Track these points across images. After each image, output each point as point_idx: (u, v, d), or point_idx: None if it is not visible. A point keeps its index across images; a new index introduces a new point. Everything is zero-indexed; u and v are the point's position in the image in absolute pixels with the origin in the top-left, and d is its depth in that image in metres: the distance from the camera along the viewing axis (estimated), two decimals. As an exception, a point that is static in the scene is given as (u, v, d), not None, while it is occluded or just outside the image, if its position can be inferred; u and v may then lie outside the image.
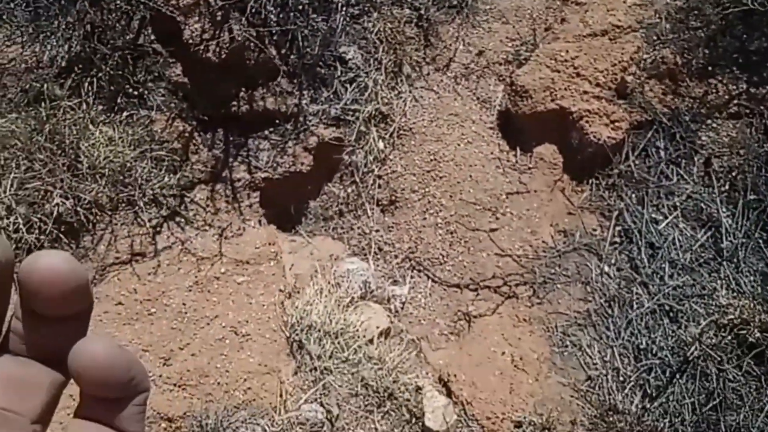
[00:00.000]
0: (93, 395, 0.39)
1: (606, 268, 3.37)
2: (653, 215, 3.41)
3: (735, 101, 3.34)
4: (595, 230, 3.47)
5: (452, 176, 3.60)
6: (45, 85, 2.78)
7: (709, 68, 3.37)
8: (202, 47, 3.30)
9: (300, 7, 3.53)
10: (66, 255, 0.37)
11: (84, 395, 0.39)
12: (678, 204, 3.40)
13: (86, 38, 3.05)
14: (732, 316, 2.97)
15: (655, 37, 3.50)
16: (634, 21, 3.57)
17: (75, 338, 0.38)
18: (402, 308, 3.37)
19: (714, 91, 3.36)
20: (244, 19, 3.36)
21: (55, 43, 2.98)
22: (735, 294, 3.13)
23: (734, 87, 3.33)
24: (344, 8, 3.68)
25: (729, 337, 2.95)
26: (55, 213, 2.68)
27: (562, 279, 3.37)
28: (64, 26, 3.00)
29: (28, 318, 0.38)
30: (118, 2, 3.13)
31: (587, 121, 3.45)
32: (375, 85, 3.66)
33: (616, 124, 3.45)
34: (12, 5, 2.87)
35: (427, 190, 3.59)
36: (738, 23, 3.33)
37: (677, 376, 3.00)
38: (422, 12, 3.83)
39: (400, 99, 3.72)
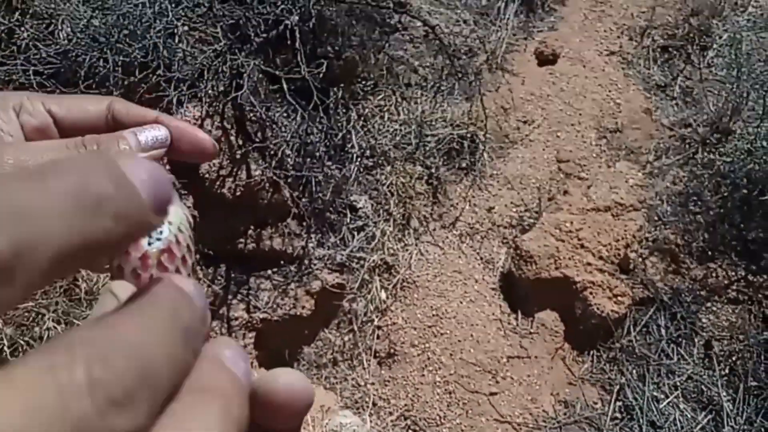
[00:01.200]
0: None
1: (608, 446, 3.26)
2: (654, 393, 3.36)
3: (734, 287, 3.42)
4: (596, 403, 3.39)
5: (453, 334, 3.54)
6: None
7: (709, 252, 3.48)
8: (218, 183, 3.32)
9: (317, 154, 3.62)
10: (302, 375, 0.40)
11: None
12: (679, 384, 3.36)
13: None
14: None
15: (656, 218, 3.64)
16: (636, 200, 3.71)
17: None
18: (395, 472, 3.17)
19: (714, 275, 3.45)
20: (262, 160, 3.42)
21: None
22: (740, 485, 3.03)
23: (733, 273, 3.43)
24: (359, 159, 3.78)
25: None
26: (45, 337, 2.53)
27: (562, 454, 3.24)
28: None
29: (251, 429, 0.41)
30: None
31: (591, 293, 3.48)
32: (382, 236, 3.68)
33: (619, 298, 3.48)
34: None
35: (427, 345, 3.51)
36: (736, 212, 3.49)
37: None
38: (433, 171, 3.95)
39: (406, 251, 3.73)
